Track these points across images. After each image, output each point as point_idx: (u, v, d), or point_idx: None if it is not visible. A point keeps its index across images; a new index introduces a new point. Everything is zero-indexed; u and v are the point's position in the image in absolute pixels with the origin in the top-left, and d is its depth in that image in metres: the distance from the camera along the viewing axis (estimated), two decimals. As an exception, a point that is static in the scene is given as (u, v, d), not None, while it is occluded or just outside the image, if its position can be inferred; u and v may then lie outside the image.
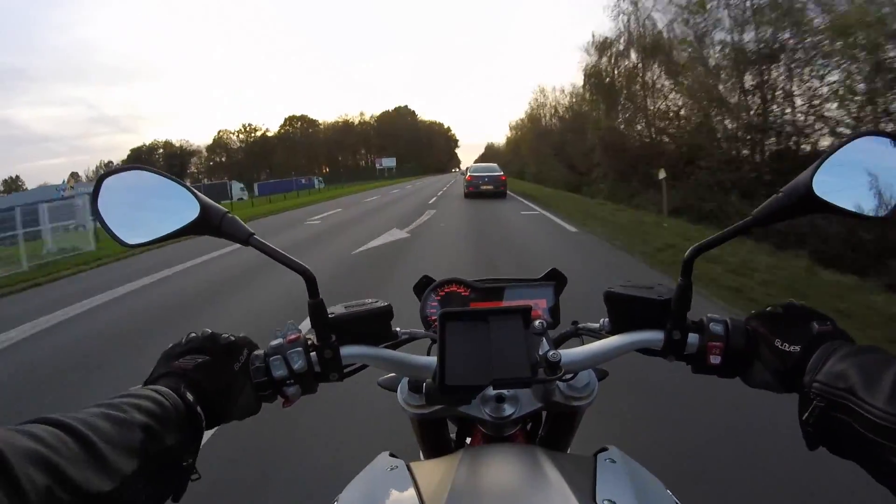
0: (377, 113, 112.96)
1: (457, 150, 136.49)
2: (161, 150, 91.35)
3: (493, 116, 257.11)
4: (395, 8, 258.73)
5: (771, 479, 1.83)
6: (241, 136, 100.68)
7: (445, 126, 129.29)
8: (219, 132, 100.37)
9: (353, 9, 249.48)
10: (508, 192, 17.58)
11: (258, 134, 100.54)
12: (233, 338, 0.54)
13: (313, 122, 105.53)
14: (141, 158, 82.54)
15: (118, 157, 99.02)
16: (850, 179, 0.52)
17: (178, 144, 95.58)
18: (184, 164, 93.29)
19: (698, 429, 2.19)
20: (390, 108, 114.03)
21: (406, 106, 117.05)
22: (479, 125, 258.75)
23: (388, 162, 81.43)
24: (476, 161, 52.24)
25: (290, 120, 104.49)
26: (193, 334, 0.53)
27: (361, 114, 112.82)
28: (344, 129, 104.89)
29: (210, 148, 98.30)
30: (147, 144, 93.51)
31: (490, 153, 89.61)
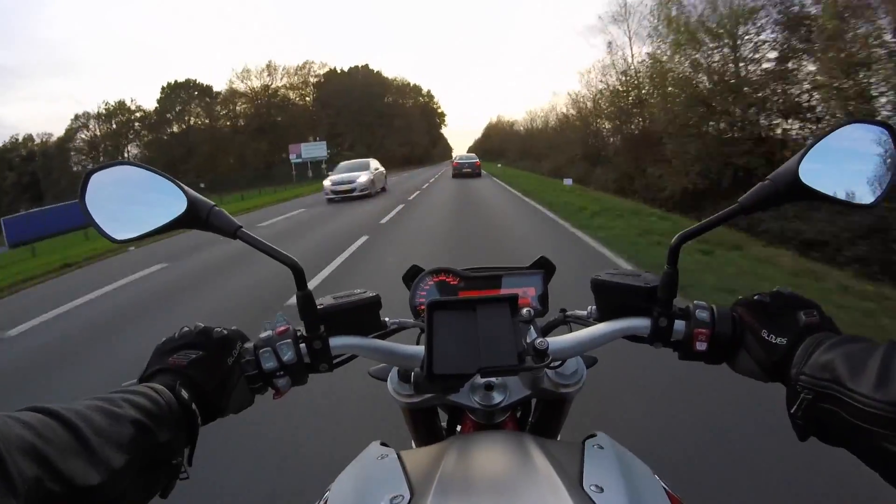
0: (294, 65, 62.47)
1: (443, 131, 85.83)
2: (17, 153, 54.74)
3: (493, 95, 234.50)
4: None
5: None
6: (105, 119, 54.77)
7: (424, 90, 76.84)
8: (76, 117, 55.38)
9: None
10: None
11: (129, 116, 55.45)
12: (225, 331, 0.54)
13: (207, 92, 57.20)
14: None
15: None
16: (837, 167, 0.52)
17: (39, 140, 55.58)
18: (36, 173, 51.79)
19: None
20: (343, 67, 66.59)
21: (366, 66, 68.12)
22: (472, 107, 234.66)
23: (313, 151, 44.18)
24: (468, 150, 59.12)
25: (173, 90, 56.19)
26: (186, 328, 0.53)
27: (265, 66, 59.31)
28: (266, 101, 58.82)
29: (61, 143, 54.58)
30: (5, 143, 55.46)
31: (497, 135, 66.21)
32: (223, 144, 54.91)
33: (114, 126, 55.64)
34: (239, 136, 55.80)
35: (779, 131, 12.04)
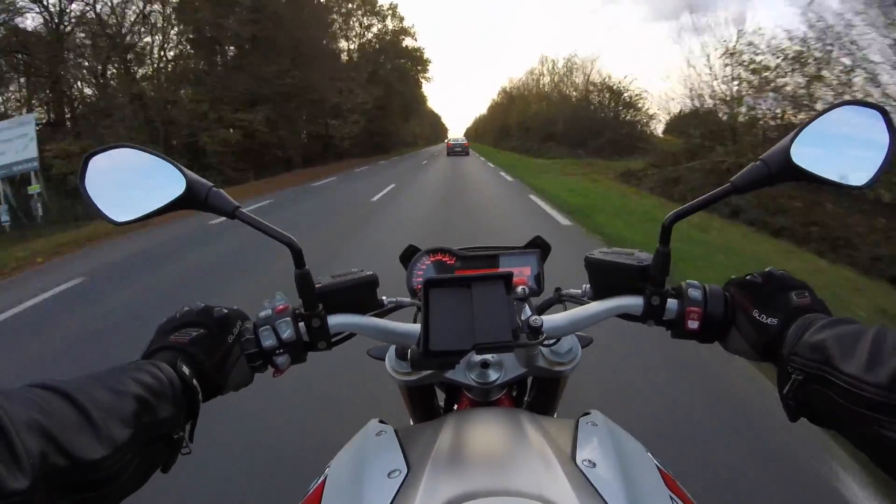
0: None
1: (432, 104, 63.50)
2: None
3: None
4: None
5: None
6: None
7: (385, 4, 38.19)
8: None
9: None
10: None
11: None
12: (226, 310, 0.55)
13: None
14: None
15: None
16: (829, 148, 0.52)
17: None
18: None
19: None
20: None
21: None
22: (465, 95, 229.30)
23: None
24: (465, 131, 59.59)
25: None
26: (187, 308, 0.54)
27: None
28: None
29: None
30: None
31: (525, 104, 38.40)
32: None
33: None
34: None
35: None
